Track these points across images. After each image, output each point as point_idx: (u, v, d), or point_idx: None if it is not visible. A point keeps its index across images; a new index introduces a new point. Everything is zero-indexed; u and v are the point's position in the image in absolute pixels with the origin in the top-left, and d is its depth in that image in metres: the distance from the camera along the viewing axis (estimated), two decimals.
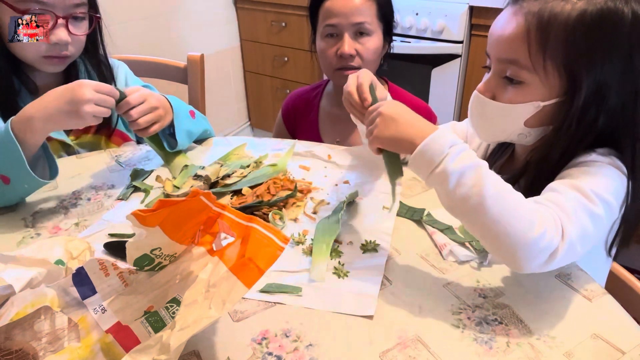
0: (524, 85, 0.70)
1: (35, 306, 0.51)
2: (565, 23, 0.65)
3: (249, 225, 0.51)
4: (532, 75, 0.69)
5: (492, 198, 0.58)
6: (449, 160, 0.60)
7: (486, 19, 1.87)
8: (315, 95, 1.28)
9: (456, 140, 0.62)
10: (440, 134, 0.62)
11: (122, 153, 1.06)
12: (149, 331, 0.52)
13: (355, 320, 0.62)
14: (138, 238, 0.51)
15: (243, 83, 2.81)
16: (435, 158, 0.61)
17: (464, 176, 0.59)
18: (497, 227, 0.58)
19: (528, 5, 0.68)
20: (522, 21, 0.68)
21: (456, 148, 0.61)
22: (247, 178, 0.89)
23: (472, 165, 0.60)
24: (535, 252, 0.57)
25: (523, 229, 0.57)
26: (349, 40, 1.08)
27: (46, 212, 0.86)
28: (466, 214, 0.60)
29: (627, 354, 0.56)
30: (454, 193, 0.60)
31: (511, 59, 0.70)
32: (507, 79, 0.71)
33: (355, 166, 0.97)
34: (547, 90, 0.69)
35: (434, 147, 0.61)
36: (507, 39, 0.70)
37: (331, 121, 1.24)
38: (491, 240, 0.60)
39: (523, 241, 0.57)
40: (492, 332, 0.60)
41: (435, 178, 0.61)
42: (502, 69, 0.72)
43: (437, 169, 0.61)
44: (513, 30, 0.69)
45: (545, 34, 0.66)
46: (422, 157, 0.62)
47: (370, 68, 1.12)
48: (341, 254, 0.73)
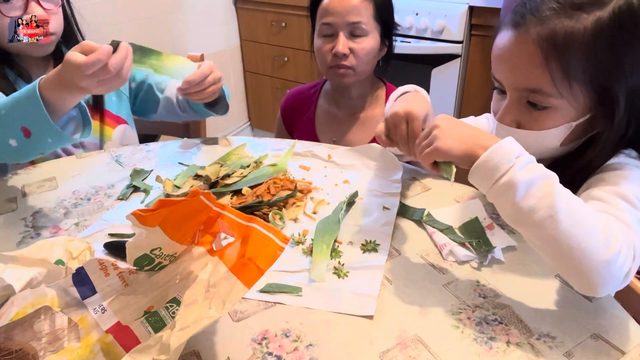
0: (552, 109, 0.66)
1: (35, 306, 0.51)
2: (582, 41, 0.61)
3: (249, 225, 0.51)
4: (558, 100, 0.65)
5: (565, 211, 0.54)
6: (517, 170, 0.56)
7: (486, 19, 1.87)
8: (313, 93, 1.28)
9: (522, 151, 0.58)
10: (506, 144, 0.58)
11: (122, 153, 1.06)
12: (149, 331, 0.52)
13: (355, 320, 0.62)
14: (138, 238, 0.51)
15: (243, 83, 2.81)
16: (501, 167, 0.56)
17: (533, 187, 0.55)
18: (570, 243, 0.54)
19: (535, 30, 0.63)
20: (535, 49, 0.63)
21: (523, 159, 0.57)
22: (247, 178, 0.89)
23: (542, 176, 0.56)
24: (611, 272, 0.54)
25: (598, 246, 0.54)
26: (344, 40, 1.08)
27: (46, 212, 0.86)
28: (534, 227, 0.56)
29: (627, 354, 0.56)
30: (521, 204, 0.55)
31: (532, 89, 0.65)
32: (530, 104, 0.67)
33: (355, 166, 0.97)
34: (577, 109, 0.66)
35: (499, 156, 0.57)
36: (523, 70, 0.65)
37: (328, 120, 1.24)
38: (562, 257, 0.56)
39: (599, 260, 0.54)
40: (492, 332, 0.60)
41: (499, 189, 0.57)
42: (523, 95, 0.67)
43: (503, 179, 0.56)
44: (527, 59, 0.64)
45: (566, 59, 0.62)
46: (485, 166, 0.58)
47: (365, 69, 1.12)
48: (341, 254, 0.73)
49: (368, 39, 1.09)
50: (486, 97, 2.24)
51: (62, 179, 0.95)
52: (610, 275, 0.55)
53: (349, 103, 1.21)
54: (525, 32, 0.64)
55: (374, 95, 1.21)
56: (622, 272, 0.55)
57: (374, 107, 1.20)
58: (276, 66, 2.60)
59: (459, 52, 1.95)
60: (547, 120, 0.67)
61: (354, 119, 1.21)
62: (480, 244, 0.72)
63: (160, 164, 1.00)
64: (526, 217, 0.56)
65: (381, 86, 1.23)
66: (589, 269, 0.55)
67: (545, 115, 0.67)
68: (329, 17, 1.08)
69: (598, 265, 0.54)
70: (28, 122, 0.79)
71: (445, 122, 0.63)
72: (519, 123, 0.69)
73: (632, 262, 0.56)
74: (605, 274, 0.55)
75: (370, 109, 1.20)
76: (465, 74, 2.03)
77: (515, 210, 0.57)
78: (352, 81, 1.14)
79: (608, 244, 0.54)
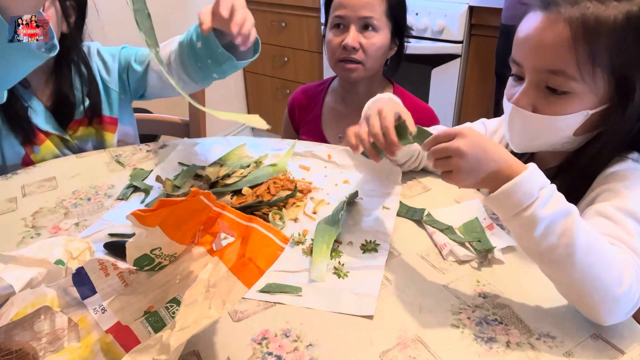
0: (571, 95, 0.65)
1: (35, 306, 0.51)
2: (612, 28, 0.61)
3: (249, 225, 0.51)
4: (579, 85, 0.64)
5: (582, 250, 0.54)
6: (539, 205, 0.55)
7: (486, 19, 1.87)
8: (321, 90, 1.28)
9: (545, 182, 0.57)
10: (531, 174, 0.56)
11: (122, 153, 1.06)
12: (149, 331, 0.52)
13: (355, 320, 0.62)
14: (138, 238, 0.51)
15: (243, 83, 2.81)
16: (524, 201, 0.55)
17: (554, 224, 0.55)
18: (585, 280, 0.55)
19: (566, 10, 0.63)
20: (565, 29, 0.63)
21: (546, 191, 0.56)
22: (247, 178, 0.89)
23: (563, 212, 0.55)
24: (620, 307, 0.55)
25: (611, 285, 0.54)
26: (354, 33, 1.09)
27: (46, 212, 0.86)
28: (551, 263, 0.57)
29: (627, 354, 0.56)
30: (540, 240, 0.55)
31: (556, 70, 0.65)
32: (548, 89, 0.66)
33: (355, 166, 0.97)
34: (596, 97, 0.65)
35: (523, 188, 0.55)
36: (549, 49, 0.65)
37: (334, 117, 1.24)
38: (575, 293, 0.58)
39: (609, 297, 0.54)
40: (492, 332, 0.60)
41: (520, 221, 0.56)
42: (542, 78, 0.67)
43: (525, 213, 0.55)
44: (555, 38, 0.64)
45: (593, 42, 0.62)
46: (508, 197, 0.56)
47: (373, 65, 1.12)
48: (341, 254, 0.73)
49: (378, 35, 1.10)
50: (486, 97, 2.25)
51: (62, 179, 0.95)
52: (619, 309, 0.56)
53: (356, 100, 1.21)
54: (556, 12, 0.64)
55: None
56: (630, 306, 0.56)
57: None
58: (276, 66, 2.60)
59: (459, 52, 1.95)
60: (564, 105, 0.66)
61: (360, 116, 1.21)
62: (480, 244, 0.72)
63: (160, 164, 1.00)
64: (543, 253, 0.56)
65: (389, 86, 1.22)
66: (599, 303, 0.56)
67: (563, 100, 0.66)
68: (341, 10, 1.09)
69: (609, 301, 0.55)
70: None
71: (469, 148, 0.58)
72: (534, 107, 0.68)
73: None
74: (614, 309, 0.56)
75: None
76: (465, 74, 2.03)
77: (533, 245, 0.57)
78: (360, 76, 1.14)
79: (621, 282, 0.54)
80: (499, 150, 0.59)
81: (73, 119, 1.05)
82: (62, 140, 1.05)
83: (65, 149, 1.06)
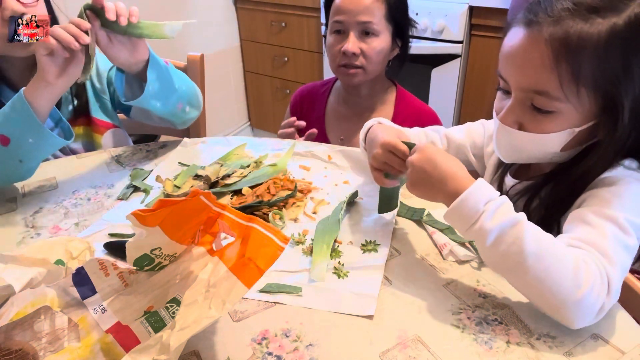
0: (556, 113, 0.64)
1: (35, 306, 0.51)
2: (595, 46, 0.59)
3: (249, 225, 0.51)
4: (564, 105, 0.63)
5: (533, 256, 0.56)
6: (486, 218, 0.58)
7: (486, 19, 1.87)
8: (324, 91, 1.28)
9: (492, 194, 0.60)
10: (476, 189, 0.60)
11: (122, 153, 1.06)
12: (149, 331, 0.52)
13: (355, 320, 0.62)
14: (138, 238, 0.51)
15: (243, 83, 2.81)
16: (472, 215, 0.59)
17: (503, 234, 0.58)
18: (541, 285, 0.56)
19: (548, 29, 0.61)
20: (547, 49, 0.61)
21: (492, 204, 0.59)
22: (247, 178, 0.89)
23: (510, 222, 0.58)
24: (582, 310, 0.55)
25: (568, 288, 0.55)
26: (354, 39, 1.08)
27: (46, 212, 0.86)
28: (507, 271, 0.59)
29: (627, 354, 0.56)
30: (492, 251, 0.59)
31: (539, 90, 0.64)
32: (534, 107, 0.65)
33: (355, 166, 0.97)
34: (582, 115, 0.64)
35: (469, 204, 0.60)
36: (532, 69, 0.63)
37: (337, 118, 1.24)
38: (536, 298, 0.59)
39: (570, 301, 0.55)
40: (492, 332, 0.60)
41: (472, 235, 0.60)
42: (527, 97, 0.65)
43: (475, 227, 0.59)
44: (538, 59, 0.62)
45: (577, 62, 0.60)
46: (457, 213, 0.61)
47: (374, 69, 1.12)
48: (341, 254, 0.73)
49: (379, 39, 1.09)
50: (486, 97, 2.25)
51: (62, 179, 0.95)
52: (582, 312, 0.56)
53: (358, 102, 1.21)
54: (537, 31, 0.62)
55: (384, 96, 1.21)
56: (595, 308, 0.56)
57: (383, 107, 1.20)
58: (276, 66, 2.60)
59: (459, 52, 1.95)
60: (550, 124, 0.65)
61: (362, 118, 1.20)
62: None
63: (160, 164, 1.00)
64: (498, 262, 0.60)
65: (391, 87, 1.22)
66: (561, 308, 0.56)
67: (549, 119, 0.65)
68: (340, 15, 1.09)
69: (570, 305, 0.56)
70: (5, 128, 0.81)
71: (419, 161, 0.66)
72: (520, 124, 0.68)
73: (607, 296, 0.56)
74: (576, 312, 0.56)
75: (379, 110, 1.20)
76: (465, 74, 2.03)
77: (488, 256, 0.61)
78: (361, 80, 1.13)
79: (578, 284, 0.55)
80: (453, 167, 0.64)
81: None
82: None
83: (59, 152, 1.06)
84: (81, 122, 1.09)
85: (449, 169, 0.64)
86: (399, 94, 1.20)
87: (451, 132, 0.93)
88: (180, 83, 0.99)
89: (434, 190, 0.65)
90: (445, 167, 0.64)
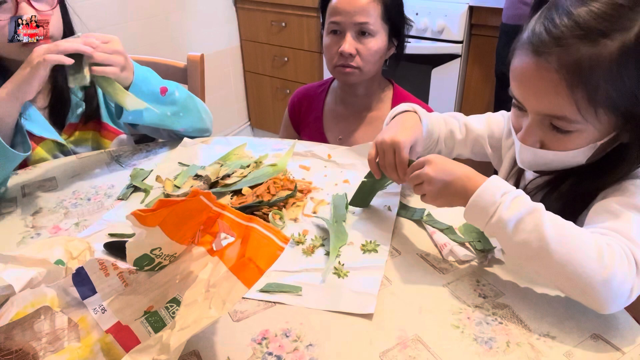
0: (576, 132, 0.64)
1: (35, 306, 0.51)
2: (608, 67, 0.58)
3: (249, 225, 0.51)
4: (583, 125, 0.62)
5: (555, 240, 0.56)
6: (503, 209, 0.60)
7: (486, 19, 1.87)
8: (322, 91, 1.28)
9: (507, 187, 0.62)
10: (491, 183, 0.62)
11: (122, 153, 1.06)
12: (149, 331, 0.52)
13: (355, 320, 0.62)
14: (138, 238, 0.51)
15: (243, 83, 2.81)
16: (489, 208, 0.61)
17: (522, 222, 0.58)
18: (566, 269, 0.56)
19: (557, 57, 0.60)
20: (559, 78, 0.60)
21: (508, 195, 0.60)
22: (247, 178, 0.89)
23: (528, 210, 0.59)
24: (612, 292, 0.55)
25: (594, 269, 0.55)
26: (350, 40, 1.08)
27: (46, 212, 0.86)
28: (530, 259, 0.59)
29: (627, 354, 0.56)
30: (514, 240, 0.59)
31: (556, 116, 0.63)
32: (553, 126, 0.64)
33: (355, 165, 0.97)
34: (602, 131, 0.64)
35: (485, 197, 0.61)
36: (546, 97, 0.62)
37: (335, 118, 1.24)
38: (564, 284, 0.58)
39: (597, 281, 0.55)
40: (492, 332, 0.60)
41: (492, 228, 0.61)
42: (544, 119, 0.65)
43: (493, 219, 0.60)
44: (551, 87, 0.61)
45: (591, 86, 0.59)
46: (475, 209, 0.62)
47: (371, 68, 1.12)
48: (341, 254, 0.73)
49: (375, 40, 1.09)
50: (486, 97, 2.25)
51: (62, 179, 0.95)
52: (612, 293, 0.56)
53: (356, 102, 1.21)
54: (546, 61, 0.61)
55: (381, 95, 1.21)
56: (625, 288, 0.56)
57: (380, 106, 1.20)
58: (276, 66, 2.60)
59: (459, 52, 1.95)
60: (571, 142, 0.65)
61: (360, 118, 1.21)
62: (480, 244, 0.72)
63: (160, 164, 1.00)
64: (521, 251, 0.60)
65: (389, 86, 1.22)
66: (590, 290, 0.56)
67: (569, 138, 0.64)
68: (336, 16, 1.09)
69: (597, 285, 0.55)
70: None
71: (435, 172, 0.66)
72: (542, 142, 0.67)
73: (636, 277, 0.56)
74: (606, 293, 0.56)
75: (376, 109, 1.20)
76: (465, 74, 2.03)
77: (510, 246, 0.61)
78: (358, 80, 1.14)
79: (604, 264, 0.55)
80: (464, 170, 0.66)
81: (68, 120, 1.05)
82: (56, 144, 1.04)
83: (60, 154, 1.06)
84: (91, 127, 1.09)
85: (464, 173, 0.65)
86: (396, 93, 1.21)
87: (471, 121, 0.92)
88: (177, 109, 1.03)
89: (456, 197, 0.65)
90: (459, 172, 0.66)
